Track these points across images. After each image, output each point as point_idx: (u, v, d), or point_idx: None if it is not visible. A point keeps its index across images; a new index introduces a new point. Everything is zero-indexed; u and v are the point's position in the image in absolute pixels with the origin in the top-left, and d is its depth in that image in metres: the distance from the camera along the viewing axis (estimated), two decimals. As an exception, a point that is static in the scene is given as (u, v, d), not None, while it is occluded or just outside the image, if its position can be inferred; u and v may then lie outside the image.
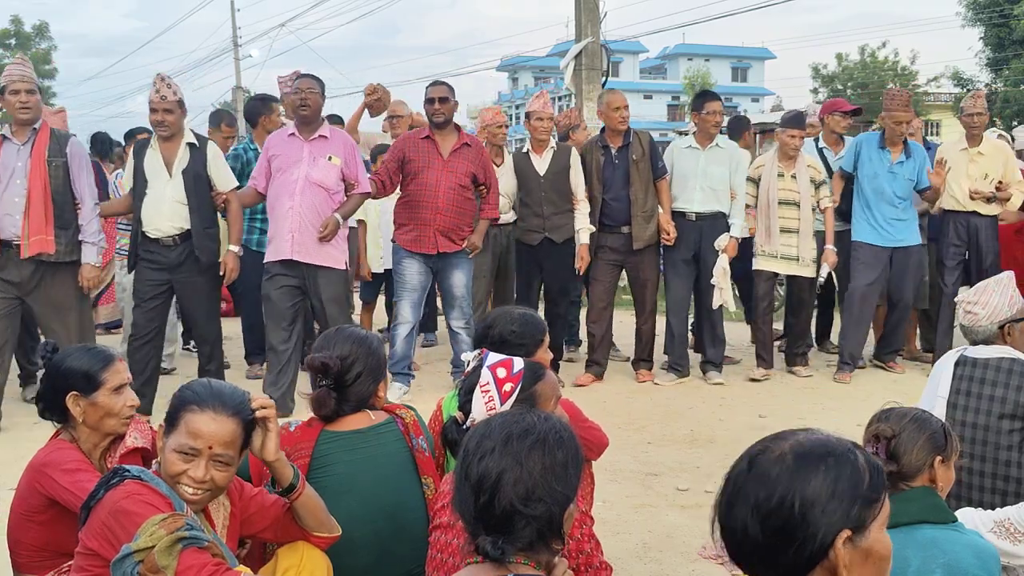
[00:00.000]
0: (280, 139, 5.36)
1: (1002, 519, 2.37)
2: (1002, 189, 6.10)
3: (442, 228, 5.54)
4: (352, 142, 5.47)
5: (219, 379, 2.77)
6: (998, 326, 2.97)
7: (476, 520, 1.60)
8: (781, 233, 6.11)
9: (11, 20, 36.42)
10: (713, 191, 6.07)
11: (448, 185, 5.51)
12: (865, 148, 6.22)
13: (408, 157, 5.58)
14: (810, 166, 6.21)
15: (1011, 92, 23.28)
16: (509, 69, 57.33)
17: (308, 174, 5.16)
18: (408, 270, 5.65)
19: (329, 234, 5.16)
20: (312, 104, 5.23)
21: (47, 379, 2.56)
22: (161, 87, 5.02)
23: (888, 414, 2.15)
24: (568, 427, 1.71)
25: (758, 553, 1.34)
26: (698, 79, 45.35)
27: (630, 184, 5.98)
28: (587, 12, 10.78)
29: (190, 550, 1.84)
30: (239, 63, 33.19)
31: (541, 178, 6.04)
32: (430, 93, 5.62)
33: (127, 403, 2.53)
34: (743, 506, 1.34)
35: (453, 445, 2.18)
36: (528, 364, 2.30)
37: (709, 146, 6.11)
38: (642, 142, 6.05)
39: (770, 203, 6.12)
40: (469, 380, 2.26)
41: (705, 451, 4.72)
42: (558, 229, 6.03)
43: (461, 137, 5.65)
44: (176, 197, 5.08)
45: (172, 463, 2.02)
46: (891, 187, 6.09)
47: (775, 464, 1.34)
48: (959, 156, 6.22)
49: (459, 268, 5.66)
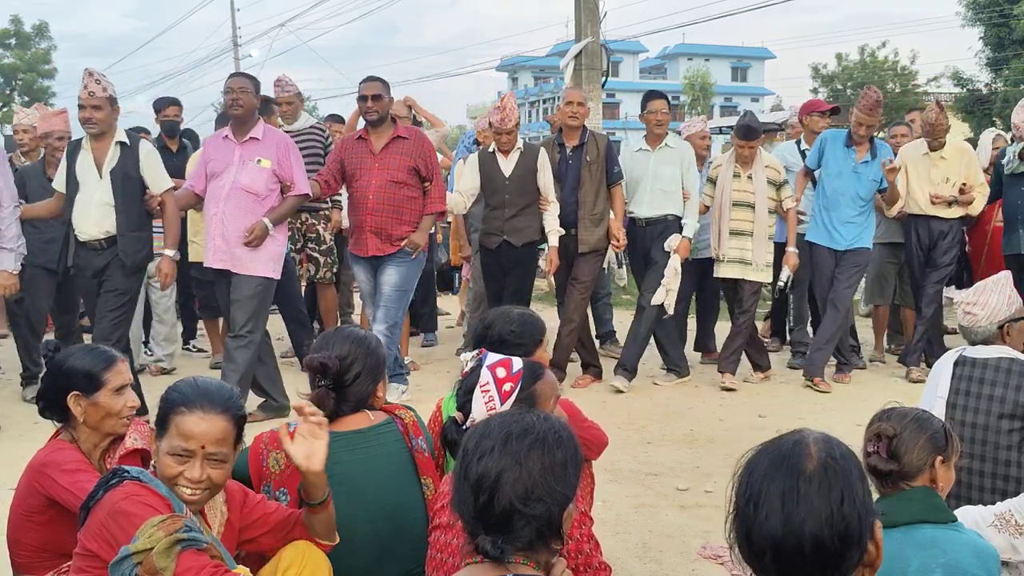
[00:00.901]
0: (216, 142, 5.17)
1: (1003, 512, 2.37)
2: (965, 192, 6.03)
3: (374, 229, 5.33)
4: (288, 142, 5.18)
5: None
6: (997, 326, 2.97)
7: (475, 520, 1.60)
8: (732, 236, 5.95)
9: (11, 20, 36.45)
10: (664, 192, 5.93)
11: (379, 182, 5.30)
12: (830, 146, 6.08)
13: (344, 160, 5.42)
14: (768, 167, 6.02)
15: (1011, 92, 23.24)
16: (509, 69, 57.32)
17: (236, 179, 4.96)
18: (360, 277, 5.60)
19: (255, 240, 4.92)
20: (244, 104, 4.99)
21: (48, 378, 2.56)
22: (89, 83, 4.79)
23: (889, 414, 2.15)
24: (567, 427, 1.71)
25: (829, 562, 1.34)
26: (698, 79, 45.37)
27: (580, 186, 5.83)
28: (587, 12, 10.76)
29: (188, 552, 1.84)
30: (239, 63, 33.18)
31: (507, 180, 5.75)
32: (363, 90, 5.38)
33: (128, 404, 2.53)
34: (814, 519, 1.33)
35: (453, 446, 2.18)
36: (527, 364, 2.30)
37: (659, 147, 6.00)
38: (599, 144, 5.89)
39: (723, 205, 5.99)
40: (468, 380, 2.26)
41: (705, 451, 4.72)
42: (517, 232, 5.74)
43: (396, 130, 5.39)
44: (104, 199, 4.84)
45: (167, 466, 2.01)
46: (854, 187, 5.96)
47: (827, 469, 1.37)
48: (922, 160, 6.15)
49: (393, 267, 5.37)
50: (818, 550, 1.33)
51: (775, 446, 1.44)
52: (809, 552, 1.33)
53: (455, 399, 2.33)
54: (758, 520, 1.36)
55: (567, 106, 5.90)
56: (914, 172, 6.16)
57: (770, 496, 1.36)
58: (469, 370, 2.31)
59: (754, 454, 1.45)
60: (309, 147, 6.34)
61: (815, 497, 1.34)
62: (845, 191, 5.97)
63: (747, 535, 1.38)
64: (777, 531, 1.34)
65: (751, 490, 1.39)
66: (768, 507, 1.35)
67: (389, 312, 5.37)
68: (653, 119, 5.99)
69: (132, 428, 2.51)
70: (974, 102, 25.68)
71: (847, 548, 1.34)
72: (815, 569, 1.34)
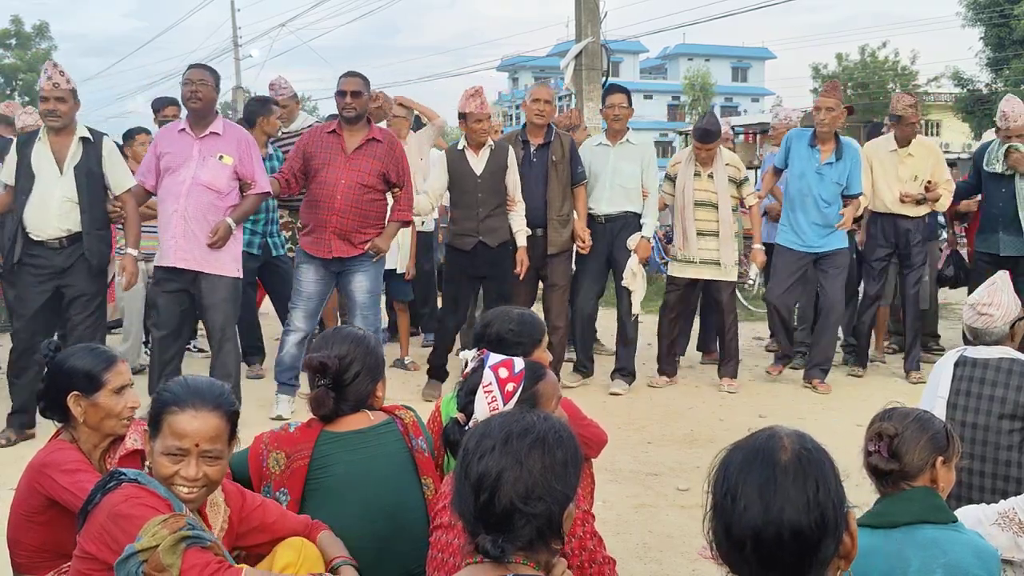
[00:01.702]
0: (170, 135, 4.94)
1: (1006, 509, 2.37)
2: (931, 190, 5.98)
3: (338, 230, 5.08)
4: (249, 138, 5.03)
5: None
6: (1009, 325, 2.96)
7: (476, 519, 1.60)
8: (699, 236, 5.84)
9: (11, 20, 36.49)
10: (623, 189, 5.84)
11: (348, 184, 5.06)
12: (795, 144, 5.97)
13: (310, 153, 5.16)
14: (729, 164, 5.90)
15: (1011, 92, 23.25)
16: (509, 69, 57.30)
17: (196, 175, 4.79)
18: (305, 276, 5.23)
19: (219, 240, 4.79)
20: (204, 97, 4.82)
21: (49, 378, 2.56)
22: (53, 74, 4.64)
23: (891, 413, 2.15)
24: (567, 427, 1.71)
25: (807, 550, 1.38)
26: (698, 79, 45.38)
27: (547, 186, 5.71)
28: (587, 12, 10.77)
29: (193, 549, 1.85)
30: (239, 63, 33.18)
31: (478, 178, 5.51)
32: (341, 85, 5.15)
33: (128, 404, 2.52)
34: (792, 507, 1.37)
35: (455, 446, 2.18)
36: (529, 364, 2.30)
37: (619, 142, 5.90)
38: (563, 144, 5.76)
39: (686, 205, 5.86)
40: (470, 381, 2.26)
41: (705, 451, 4.71)
42: (492, 232, 5.53)
43: (371, 132, 5.18)
44: (67, 195, 4.69)
45: (162, 466, 2.01)
46: (817, 189, 5.83)
47: (801, 459, 1.41)
48: (888, 157, 6.08)
49: (361, 271, 5.20)
50: (796, 538, 1.37)
51: (748, 442, 1.49)
52: (788, 540, 1.37)
53: (456, 400, 2.33)
54: (736, 512, 1.40)
55: (534, 103, 5.73)
56: (880, 170, 6.08)
57: (747, 488, 1.40)
58: (471, 371, 2.30)
59: (728, 451, 1.50)
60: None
61: (791, 486, 1.39)
62: (808, 192, 5.88)
63: (726, 528, 1.42)
64: (756, 521, 1.38)
65: (728, 483, 1.44)
66: (746, 498, 1.40)
67: (369, 319, 5.22)
68: (611, 113, 5.90)
69: (132, 429, 2.50)
70: (974, 102, 25.69)
71: (824, 536, 1.38)
72: (794, 557, 1.38)
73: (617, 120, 5.89)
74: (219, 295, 4.88)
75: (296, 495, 2.41)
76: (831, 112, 5.80)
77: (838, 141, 5.89)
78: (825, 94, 5.96)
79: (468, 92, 5.60)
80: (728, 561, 1.44)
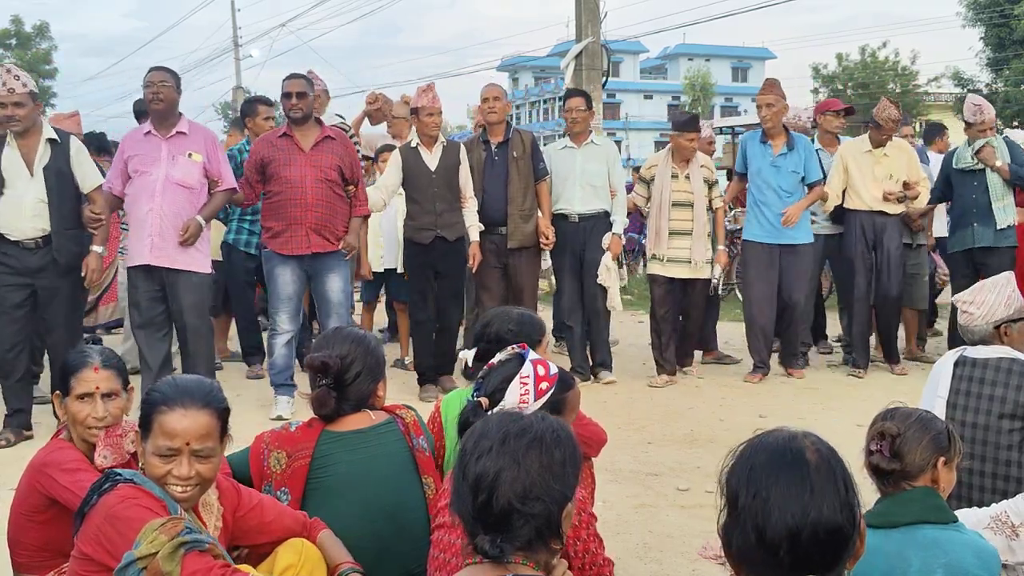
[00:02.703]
0: (136, 138, 4.99)
1: (998, 513, 2.37)
2: (910, 188, 6.08)
3: (314, 225, 5.13)
4: (214, 137, 5.14)
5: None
6: (994, 326, 2.96)
7: (474, 520, 1.60)
8: (673, 236, 5.95)
9: (11, 20, 36.46)
10: (593, 188, 5.97)
11: (315, 178, 5.12)
12: (749, 145, 6.19)
13: (266, 159, 5.17)
14: (703, 166, 6.07)
15: (1011, 92, 23.26)
16: (509, 69, 57.29)
17: (168, 174, 4.85)
18: (281, 278, 5.22)
19: (190, 237, 4.84)
20: (165, 98, 4.87)
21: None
22: (8, 79, 4.61)
23: (893, 413, 2.15)
24: (566, 427, 1.71)
25: (842, 547, 1.40)
26: (698, 79, 45.41)
27: (508, 182, 5.78)
28: (587, 12, 10.76)
29: (192, 554, 1.85)
30: (239, 63, 33.19)
31: (432, 174, 5.61)
32: (286, 87, 5.20)
33: (93, 415, 2.43)
34: (829, 506, 1.39)
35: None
36: (561, 371, 2.34)
37: (584, 143, 6.02)
38: (524, 140, 5.86)
39: (663, 204, 5.97)
40: (505, 369, 2.27)
41: (705, 451, 4.71)
42: (451, 227, 5.63)
43: (323, 130, 5.26)
44: (39, 196, 4.72)
45: (155, 466, 2.01)
46: (776, 181, 6.01)
47: (829, 459, 1.44)
48: (864, 157, 6.19)
49: (335, 271, 5.25)
50: (833, 536, 1.39)
51: (768, 443, 1.48)
52: (824, 539, 1.38)
53: (468, 393, 2.33)
54: (772, 514, 1.39)
55: (484, 103, 5.85)
56: (856, 169, 6.19)
57: (780, 488, 1.40)
58: (505, 359, 2.31)
59: (746, 452, 1.49)
60: None
61: (826, 485, 1.41)
62: (767, 186, 6.04)
63: (759, 531, 1.40)
64: (793, 522, 1.38)
65: (756, 486, 1.42)
66: (780, 499, 1.40)
67: (342, 317, 5.26)
68: (568, 117, 6.04)
69: (104, 443, 2.41)
70: (974, 102, 25.61)
71: (854, 532, 1.42)
72: (829, 556, 1.40)
73: (576, 123, 6.02)
74: (193, 292, 4.92)
75: (297, 494, 2.41)
76: (772, 108, 6.02)
77: (788, 134, 6.08)
78: (764, 92, 6.12)
79: (420, 88, 5.72)
80: (751, 563, 1.42)
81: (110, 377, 2.50)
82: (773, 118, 6.00)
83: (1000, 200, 5.95)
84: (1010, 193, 6.02)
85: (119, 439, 2.43)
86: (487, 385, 2.27)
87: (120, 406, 2.51)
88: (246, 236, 6.23)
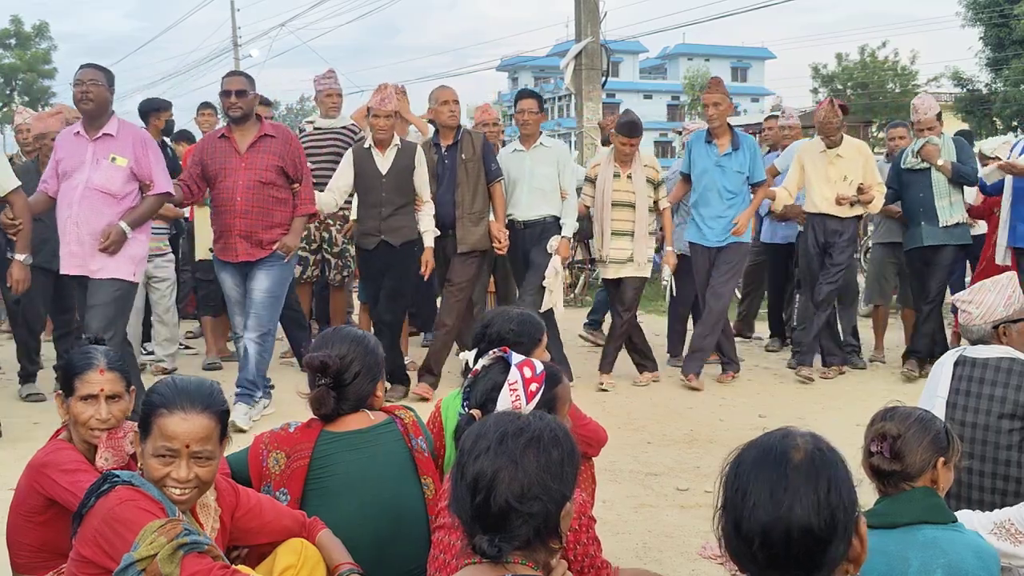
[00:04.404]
0: (67, 139, 4.77)
1: (1002, 520, 2.36)
2: (864, 191, 6.04)
3: (243, 232, 4.99)
4: (146, 138, 4.88)
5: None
6: (992, 326, 2.96)
7: (473, 520, 1.60)
8: (614, 236, 5.91)
9: (11, 20, 36.47)
10: (542, 192, 5.87)
11: (246, 184, 4.97)
12: (695, 145, 6.13)
13: (205, 162, 5.07)
14: (647, 166, 6.01)
15: (1011, 92, 23.26)
16: (509, 69, 57.28)
17: (90, 179, 4.62)
18: (226, 284, 5.19)
19: (111, 245, 4.59)
20: (95, 97, 4.62)
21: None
22: None
23: (892, 413, 2.14)
24: (564, 426, 1.71)
25: (815, 550, 1.39)
26: (698, 79, 45.33)
27: (457, 184, 5.68)
28: (587, 12, 10.78)
29: (191, 555, 1.85)
30: (239, 63, 33.21)
31: (383, 177, 5.45)
32: (225, 85, 5.04)
33: (96, 417, 2.43)
34: (802, 506, 1.38)
35: None
36: (547, 366, 2.32)
37: (533, 146, 5.95)
38: (474, 142, 5.76)
39: (604, 205, 5.93)
40: (490, 377, 2.25)
41: (705, 451, 4.71)
42: (395, 231, 5.46)
43: (262, 128, 5.07)
44: None
45: (153, 468, 2.01)
46: (720, 181, 5.96)
47: (814, 460, 1.42)
48: (818, 158, 6.16)
49: (266, 272, 5.06)
50: (805, 537, 1.37)
51: (763, 441, 1.49)
52: (797, 539, 1.37)
53: (462, 396, 2.33)
54: (747, 508, 1.41)
55: (443, 106, 5.73)
56: (812, 170, 6.17)
57: (758, 485, 1.41)
58: (488, 365, 2.30)
59: (742, 449, 1.50)
60: (330, 147, 6.30)
61: (803, 485, 1.39)
62: (712, 186, 6.00)
63: (736, 524, 1.42)
64: (766, 518, 1.38)
65: (740, 480, 1.44)
66: (757, 495, 1.40)
67: (261, 319, 5.04)
68: (520, 119, 5.98)
69: (106, 445, 2.41)
70: (974, 102, 25.70)
71: (832, 536, 1.39)
72: (802, 556, 1.38)
73: (526, 125, 5.96)
74: (100, 296, 4.66)
75: (296, 495, 2.41)
76: (718, 107, 5.94)
77: (733, 133, 6.04)
78: (709, 91, 6.09)
79: (376, 89, 5.59)
80: (737, 558, 1.44)
81: (114, 379, 2.49)
82: (719, 117, 5.94)
83: (944, 198, 5.98)
84: (957, 191, 6.03)
85: (121, 441, 2.43)
86: (475, 395, 2.27)
87: (123, 408, 2.51)
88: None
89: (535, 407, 2.18)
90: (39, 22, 37.50)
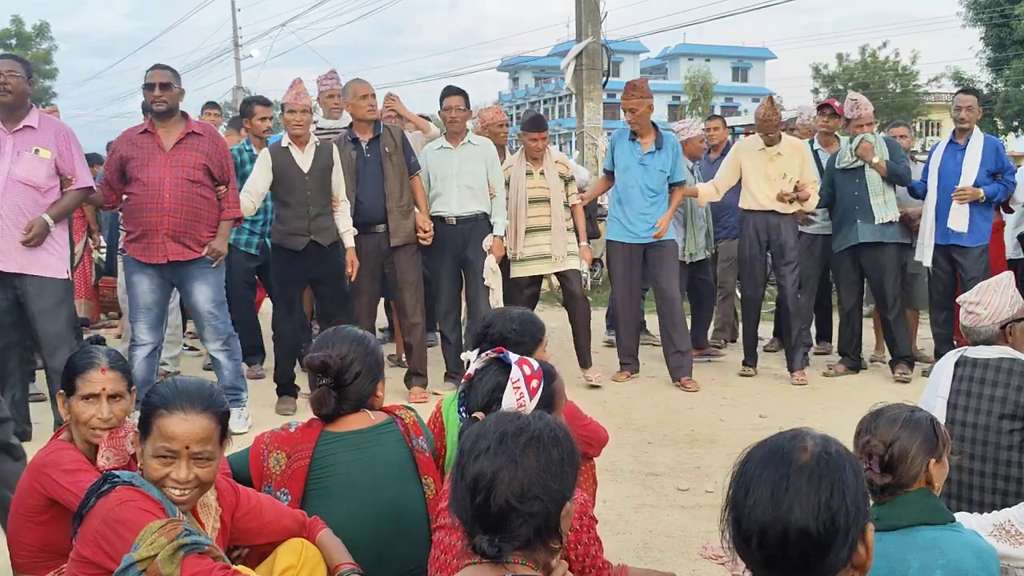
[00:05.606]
0: None
1: (1002, 521, 2.35)
2: (800, 189, 6.06)
3: (171, 231, 4.79)
4: (69, 132, 4.77)
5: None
6: (1000, 326, 2.97)
7: (473, 520, 1.60)
8: (531, 233, 5.92)
9: (11, 20, 36.46)
10: (471, 189, 5.82)
11: (174, 181, 4.78)
12: (618, 142, 6.19)
13: (125, 157, 4.84)
14: (558, 162, 6.06)
15: (1012, 92, 23.24)
16: (510, 69, 57.35)
17: (11, 171, 4.52)
18: (139, 286, 4.90)
19: (34, 238, 4.51)
20: (14, 89, 4.52)
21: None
22: None
23: (876, 424, 2.09)
24: (563, 426, 1.71)
25: (813, 553, 1.37)
26: (699, 79, 45.34)
27: (385, 178, 5.59)
28: (588, 12, 10.78)
29: (192, 556, 1.85)
30: (239, 63, 33.23)
31: (305, 176, 5.27)
32: (149, 78, 4.86)
33: (98, 416, 2.43)
34: (802, 507, 1.37)
35: None
36: (541, 362, 2.33)
37: (461, 143, 5.88)
38: (393, 135, 5.68)
39: (519, 204, 5.92)
40: (490, 379, 2.25)
41: (705, 451, 4.72)
42: (324, 231, 5.31)
43: (188, 126, 4.90)
44: None
45: (153, 469, 2.01)
46: (642, 179, 6.01)
47: (820, 462, 1.40)
48: (757, 156, 6.18)
49: (202, 279, 4.92)
50: (802, 539, 1.36)
51: (773, 440, 1.48)
52: (794, 540, 1.36)
53: (460, 398, 2.33)
54: (747, 506, 1.40)
55: (363, 100, 5.56)
56: (751, 167, 6.19)
57: (761, 483, 1.40)
58: (483, 367, 2.29)
59: (753, 447, 1.49)
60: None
61: (804, 486, 1.38)
62: (634, 183, 6.05)
63: (737, 521, 1.42)
64: (764, 517, 1.38)
65: (744, 477, 1.44)
66: (758, 494, 1.40)
67: (218, 329, 4.98)
68: (447, 116, 5.92)
69: (107, 444, 2.41)
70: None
71: (832, 541, 1.37)
72: (799, 558, 1.37)
73: (453, 123, 5.91)
74: (47, 300, 4.59)
75: (297, 495, 2.41)
76: (634, 112, 6.03)
77: (657, 133, 6.10)
78: (625, 96, 6.12)
79: (290, 84, 5.44)
80: (739, 552, 1.44)
81: (116, 379, 2.50)
82: (638, 120, 6.02)
83: (879, 196, 6.02)
84: (891, 190, 6.07)
85: (122, 441, 2.43)
86: (474, 398, 2.26)
87: (124, 408, 2.51)
88: (246, 236, 6.21)
89: (536, 404, 2.18)
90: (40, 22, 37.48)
